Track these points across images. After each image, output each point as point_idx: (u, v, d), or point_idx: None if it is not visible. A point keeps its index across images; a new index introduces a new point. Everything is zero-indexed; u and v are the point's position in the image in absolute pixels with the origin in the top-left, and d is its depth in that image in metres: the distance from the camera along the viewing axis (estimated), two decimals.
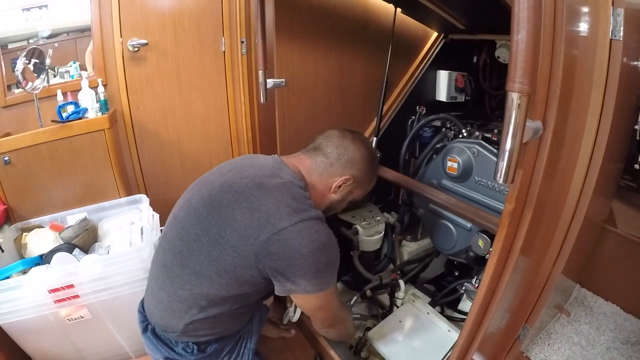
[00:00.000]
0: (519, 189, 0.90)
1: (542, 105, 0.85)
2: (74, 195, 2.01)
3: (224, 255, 1.15)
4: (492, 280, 1.05)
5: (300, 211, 1.17)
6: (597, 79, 1.08)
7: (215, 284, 1.18)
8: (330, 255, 1.20)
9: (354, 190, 1.43)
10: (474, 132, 1.82)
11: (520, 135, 0.73)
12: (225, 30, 2.37)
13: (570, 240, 1.23)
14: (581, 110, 1.09)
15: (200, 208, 1.23)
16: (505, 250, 1.01)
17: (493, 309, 1.10)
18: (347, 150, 1.35)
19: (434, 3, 1.78)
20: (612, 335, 1.73)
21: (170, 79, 2.35)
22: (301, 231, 1.14)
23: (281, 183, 1.23)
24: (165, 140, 2.43)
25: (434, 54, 2.29)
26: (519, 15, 0.67)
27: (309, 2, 1.73)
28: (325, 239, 1.18)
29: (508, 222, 0.95)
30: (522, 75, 0.69)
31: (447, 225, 1.80)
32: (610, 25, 1.05)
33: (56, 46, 2.17)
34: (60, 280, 1.49)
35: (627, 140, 1.68)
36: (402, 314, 1.85)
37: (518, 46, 0.68)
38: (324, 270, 1.18)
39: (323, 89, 1.89)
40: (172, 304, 1.23)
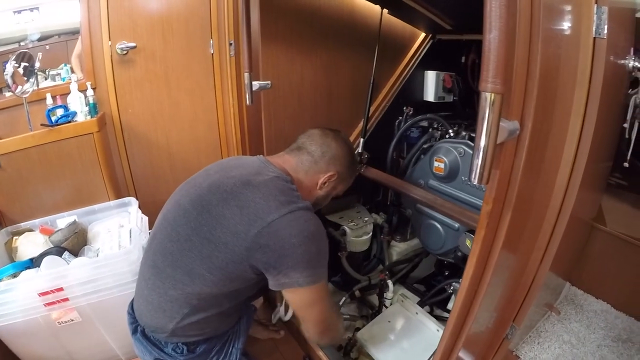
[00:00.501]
0: (497, 189, 0.90)
1: (518, 105, 0.85)
2: (64, 198, 2.01)
3: (216, 253, 1.17)
4: (473, 281, 1.05)
5: (288, 203, 1.20)
6: (581, 78, 1.08)
7: (207, 282, 1.19)
8: (320, 245, 1.22)
9: (338, 186, 1.48)
10: (461, 132, 1.83)
11: (495, 135, 0.72)
12: (213, 33, 2.36)
13: (556, 238, 1.23)
14: (564, 109, 1.09)
15: (190, 209, 1.24)
16: (485, 251, 1.01)
17: (476, 309, 1.10)
18: (330, 148, 1.40)
19: (420, 4, 1.79)
20: (602, 333, 1.74)
21: (158, 81, 2.34)
22: (290, 222, 1.16)
23: (268, 179, 1.26)
24: (154, 142, 2.43)
25: (422, 54, 2.30)
26: (491, 13, 0.67)
27: (294, 4, 1.74)
28: (314, 228, 1.21)
29: (486, 222, 0.95)
30: (495, 75, 0.68)
31: (435, 225, 1.81)
32: (593, 23, 1.05)
33: (47, 48, 2.16)
34: (50, 284, 1.49)
35: (616, 138, 1.69)
36: (391, 314, 1.85)
37: (490, 45, 0.68)
38: (315, 260, 1.20)
39: (309, 90, 1.90)
40: (162, 304, 1.24)
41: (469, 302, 1.11)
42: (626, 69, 1.52)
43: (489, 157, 0.73)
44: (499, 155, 0.85)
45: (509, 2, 0.66)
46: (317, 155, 1.39)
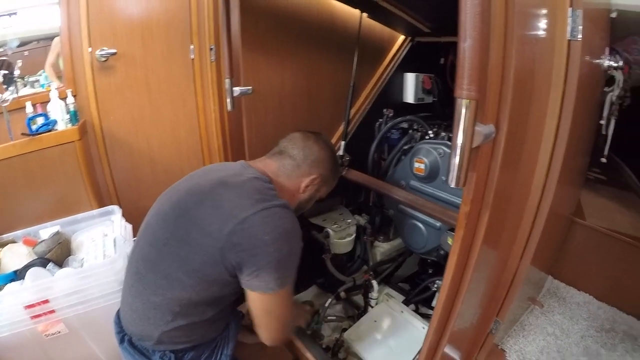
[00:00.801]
0: (474, 191, 0.92)
1: (493, 109, 0.87)
2: (47, 208, 2.00)
3: (191, 255, 1.16)
4: (454, 280, 1.07)
5: (263, 201, 1.18)
6: (556, 80, 1.12)
7: (185, 286, 1.17)
8: (293, 245, 1.20)
9: (321, 188, 1.50)
10: (441, 132, 1.85)
11: (470, 139, 0.74)
12: (194, 38, 2.37)
13: (535, 234, 1.26)
14: (540, 111, 1.12)
15: (169, 212, 1.25)
16: (464, 250, 1.03)
17: (458, 306, 1.12)
18: (313, 151, 1.41)
19: (398, 8, 1.80)
20: (586, 323, 1.78)
21: (139, 87, 2.33)
22: (264, 218, 1.15)
23: (246, 179, 1.26)
24: (136, 149, 2.42)
25: (401, 56, 2.32)
26: (466, 23, 0.69)
27: (274, 9, 1.74)
28: (289, 226, 1.19)
29: (465, 223, 0.97)
30: (470, 82, 0.70)
31: (417, 225, 1.82)
32: (568, 26, 1.08)
33: (26, 54, 2.15)
34: (35, 296, 1.48)
35: (593, 135, 1.72)
36: (377, 313, 1.87)
37: (465, 54, 0.70)
38: (286, 261, 1.18)
39: (290, 94, 1.90)
40: (146, 311, 1.23)
41: (451, 299, 1.12)
42: (602, 68, 1.55)
43: (465, 160, 0.75)
44: (475, 158, 0.87)
45: (483, 11, 0.68)
46: (300, 159, 1.39)
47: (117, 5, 2.19)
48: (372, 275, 1.95)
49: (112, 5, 2.18)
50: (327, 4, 1.95)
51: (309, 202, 1.52)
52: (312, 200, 1.52)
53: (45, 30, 2.16)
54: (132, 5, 2.23)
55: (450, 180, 0.78)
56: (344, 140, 2.03)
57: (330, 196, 2.07)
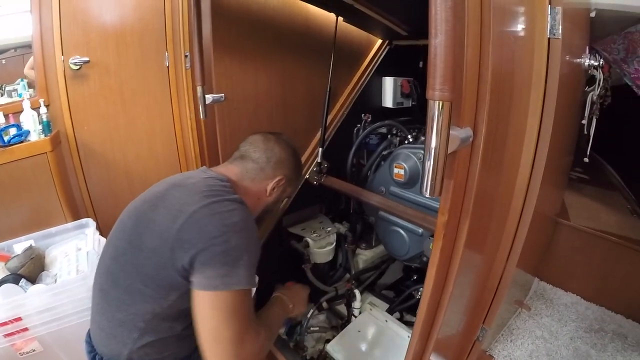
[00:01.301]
0: (451, 199, 0.88)
1: (470, 111, 0.83)
2: (20, 222, 1.95)
3: (146, 261, 1.11)
4: (435, 289, 1.04)
5: (214, 195, 1.14)
6: (536, 79, 1.09)
7: (145, 297, 1.12)
8: (243, 239, 1.09)
9: (286, 189, 1.47)
10: (420, 137, 1.84)
11: (445, 144, 0.70)
12: (168, 45, 2.34)
13: (520, 237, 1.24)
14: (521, 111, 1.09)
15: (127, 222, 1.21)
16: (444, 260, 0.99)
17: (441, 315, 1.09)
18: (274, 152, 1.38)
19: (374, 11, 1.78)
20: (574, 325, 1.77)
21: (114, 96, 2.29)
22: (212, 210, 1.10)
23: (200, 179, 1.23)
24: (112, 160, 2.37)
25: (379, 60, 2.30)
26: (436, 17, 0.64)
27: (246, 13, 1.71)
28: (239, 219, 1.12)
29: (443, 233, 0.93)
30: (442, 82, 0.65)
31: (399, 231, 1.80)
32: (547, 24, 1.05)
33: (3, 63, 2.16)
34: (8, 314, 1.44)
35: (575, 134, 1.73)
36: (361, 323, 1.84)
37: (436, 51, 0.65)
38: (234, 255, 1.06)
39: (264, 101, 1.86)
40: (113, 329, 1.18)
41: (433, 309, 1.09)
42: (582, 67, 1.55)
43: (439, 167, 0.70)
44: (452, 165, 0.83)
45: (456, 5, 0.64)
46: (263, 162, 1.37)
47: (90, 13, 2.16)
48: (355, 284, 1.94)
49: (85, 12, 2.14)
50: (302, 7, 1.92)
51: (276, 204, 1.51)
52: (279, 201, 1.52)
53: (23, 38, 2.13)
54: (105, 12, 2.20)
55: (424, 190, 0.73)
56: (321, 147, 2.00)
57: (309, 204, 2.06)
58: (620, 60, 1.71)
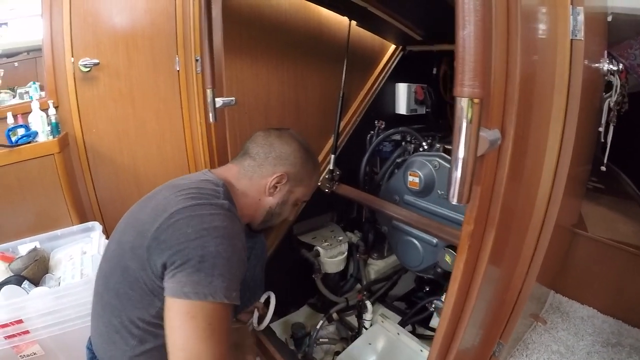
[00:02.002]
0: (478, 207, 0.83)
1: (498, 111, 0.79)
2: (26, 223, 1.93)
3: (129, 262, 1.05)
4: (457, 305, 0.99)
5: (200, 197, 1.07)
6: (559, 81, 1.05)
7: (134, 302, 1.06)
8: (222, 245, 0.98)
9: (294, 189, 1.33)
10: (435, 144, 1.81)
11: (474, 147, 0.64)
12: (179, 49, 2.32)
13: (541, 250, 1.19)
14: (544, 115, 1.05)
15: (121, 223, 1.19)
16: (467, 274, 0.94)
17: (461, 331, 1.04)
18: (274, 147, 1.28)
19: (389, 14, 1.76)
20: (591, 339, 1.73)
21: (123, 100, 2.28)
22: (192, 212, 1.01)
23: (194, 181, 1.17)
24: (120, 163, 2.35)
25: (392, 66, 2.27)
26: (464, 7, 0.59)
27: (259, 17, 1.69)
28: (220, 224, 1.01)
29: (468, 244, 0.87)
30: (472, 77, 0.60)
31: (412, 241, 1.77)
32: (570, 24, 1.02)
33: (16, 66, 2.16)
34: (9, 315, 1.42)
35: (594, 142, 1.71)
36: (371, 335, 1.79)
37: (465, 43, 0.60)
38: (210, 262, 0.95)
39: (276, 106, 1.84)
40: (110, 335, 1.13)
41: (454, 323, 1.04)
42: (601, 72, 1.51)
43: (468, 172, 0.65)
44: (479, 170, 0.77)
45: None
46: (261, 158, 1.27)
47: (100, 16, 2.16)
48: (366, 295, 1.91)
49: (96, 15, 2.14)
50: (314, 12, 1.90)
51: (283, 207, 1.35)
52: (286, 204, 1.35)
53: (35, 41, 2.12)
54: (116, 15, 2.19)
55: (451, 197, 0.67)
56: (333, 154, 1.97)
57: (320, 212, 2.02)
58: (637, 66, 1.68)
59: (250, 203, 1.27)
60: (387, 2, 1.68)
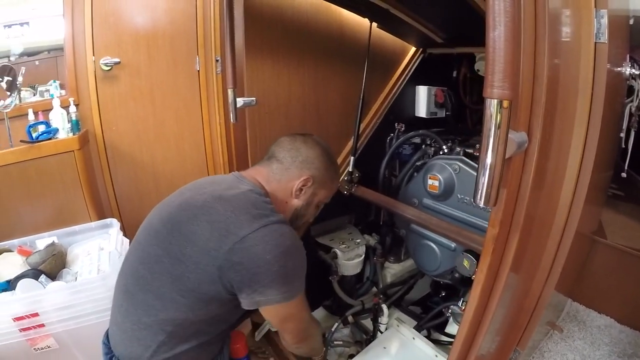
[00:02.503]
0: (504, 210, 0.82)
1: (526, 113, 0.78)
2: (44, 218, 1.95)
3: (187, 273, 1.11)
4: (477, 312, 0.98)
5: (261, 217, 1.14)
6: (583, 85, 1.04)
7: (180, 306, 1.12)
8: (297, 259, 1.17)
9: (318, 192, 1.40)
10: (455, 147, 1.79)
11: (503, 149, 0.63)
12: (199, 49, 2.34)
13: (561, 257, 1.18)
14: (568, 118, 1.04)
15: (161, 228, 1.19)
16: (490, 279, 0.94)
17: (480, 338, 1.03)
18: (300, 152, 1.35)
19: (410, 16, 1.75)
20: (607, 349, 1.71)
21: (143, 98, 2.29)
22: (264, 237, 1.10)
23: (240, 192, 1.21)
24: (139, 161, 2.37)
25: (413, 69, 2.26)
26: (494, 7, 0.58)
27: (281, 18, 1.69)
28: (290, 242, 1.15)
29: (492, 248, 0.87)
30: (503, 78, 0.59)
31: (430, 245, 1.75)
32: (594, 27, 1.01)
33: (37, 64, 2.17)
34: (25, 308, 1.43)
35: (615, 148, 1.68)
36: (386, 339, 1.77)
37: (495, 44, 0.59)
38: (291, 275, 1.15)
39: (296, 106, 1.83)
40: (136, 332, 1.16)
41: (474, 329, 1.04)
42: (623, 76, 1.49)
43: (496, 174, 0.64)
44: (507, 172, 0.77)
45: None
46: (288, 162, 1.34)
47: (122, 15, 2.18)
48: (382, 298, 1.89)
49: (117, 15, 2.16)
50: (336, 13, 1.89)
51: (308, 209, 1.43)
52: (310, 206, 1.42)
53: (56, 40, 2.16)
54: (137, 15, 2.22)
55: (478, 199, 0.67)
56: (353, 156, 1.97)
57: (338, 214, 2.01)
58: None
59: (279, 204, 1.31)
60: (409, 3, 1.67)
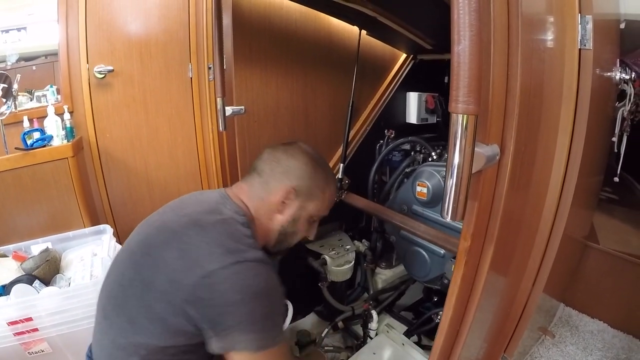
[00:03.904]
0: (475, 224, 0.81)
1: (497, 126, 0.78)
2: (39, 224, 1.96)
3: (154, 302, 1.03)
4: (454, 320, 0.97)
5: (236, 252, 1.02)
6: (567, 92, 1.04)
7: (149, 333, 1.04)
8: (271, 303, 1.03)
9: (305, 204, 1.24)
10: (444, 154, 1.79)
11: (469, 163, 0.63)
12: (192, 57, 2.35)
13: (548, 262, 1.18)
14: (551, 127, 1.04)
15: (136, 250, 1.13)
16: (465, 289, 0.93)
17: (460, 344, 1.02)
18: (280, 162, 1.22)
19: (398, 23, 1.75)
20: (600, 354, 1.71)
21: (136, 106, 2.31)
22: (234, 274, 0.98)
23: (220, 220, 1.11)
24: (133, 168, 2.38)
25: (403, 75, 2.26)
26: (459, 22, 0.58)
27: (269, 26, 1.69)
28: (265, 284, 1.01)
29: (464, 260, 0.86)
30: (467, 93, 0.59)
31: (420, 252, 1.75)
32: (578, 34, 1.01)
33: (34, 69, 2.19)
34: (19, 313, 1.45)
35: (606, 152, 1.68)
36: (376, 345, 1.78)
37: (459, 59, 0.59)
38: (263, 321, 1.00)
39: (285, 114, 1.83)
40: (113, 351, 1.10)
41: (452, 337, 1.03)
42: (613, 81, 1.50)
43: (462, 188, 0.63)
44: (477, 185, 0.77)
45: (480, 9, 0.57)
46: (267, 174, 1.21)
47: (115, 23, 2.19)
48: (372, 304, 1.89)
49: (111, 23, 2.18)
50: (325, 21, 1.90)
51: (296, 225, 1.26)
52: (298, 222, 1.25)
53: (52, 46, 2.17)
54: (130, 23, 2.23)
55: (445, 213, 0.66)
56: (342, 163, 1.96)
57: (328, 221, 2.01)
58: None
59: (263, 224, 1.21)
60: (396, 11, 1.67)
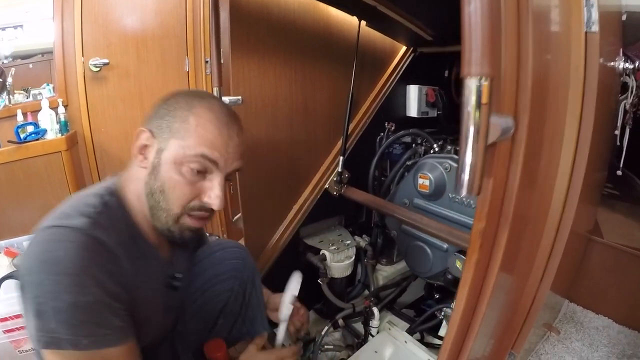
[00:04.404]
0: (490, 202, 0.75)
1: (511, 95, 0.72)
2: (32, 219, 1.87)
3: None
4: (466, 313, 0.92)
5: (61, 217, 0.83)
6: (575, 75, 1.00)
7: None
8: (63, 285, 0.76)
9: (165, 145, 0.94)
10: (446, 146, 1.77)
11: (485, 133, 0.58)
12: (189, 51, 2.35)
13: (556, 256, 1.14)
14: (559, 109, 1.00)
15: None
16: (478, 278, 0.87)
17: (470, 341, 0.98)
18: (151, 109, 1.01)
19: (398, 13, 1.72)
20: (606, 350, 1.69)
21: (132, 99, 2.30)
22: (41, 239, 0.80)
23: (86, 190, 0.95)
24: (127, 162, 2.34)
25: (403, 68, 2.23)
26: None
27: (266, 15, 1.65)
28: (64, 254, 0.77)
29: (479, 243, 0.79)
30: (481, 54, 0.54)
31: (422, 246, 1.72)
32: (584, 16, 0.97)
33: (30, 67, 2.21)
34: (8, 309, 1.46)
35: (610, 145, 1.67)
36: (378, 343, 1.74)
37: (471, 19, 0.54)
38: (49, 307, 0.76)
39: (284, 106, 1.79)
40: None
41: (463, 332, 0.99)
42: (616, 72, 1.47)
43: (479, 160, 0.59)
44: (492, 160, 0.71)
45: None
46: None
47: (111, 17, 2.19)
48: (373, 301, 1.85)
49: (107, 16, 2.18)
50: (324, 11, 1.86)
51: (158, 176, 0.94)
52: (158, 171, 0.94)
53: (49, 44, 2.19)
54: (126, 17, 2.23)
55: (459, 188, 0.61)
56: (342, 156, 1.94)
57: (328, 216, 1.98)
58: None
59: (132, 190, 0.98)
60: (396, 1, 1.64)
